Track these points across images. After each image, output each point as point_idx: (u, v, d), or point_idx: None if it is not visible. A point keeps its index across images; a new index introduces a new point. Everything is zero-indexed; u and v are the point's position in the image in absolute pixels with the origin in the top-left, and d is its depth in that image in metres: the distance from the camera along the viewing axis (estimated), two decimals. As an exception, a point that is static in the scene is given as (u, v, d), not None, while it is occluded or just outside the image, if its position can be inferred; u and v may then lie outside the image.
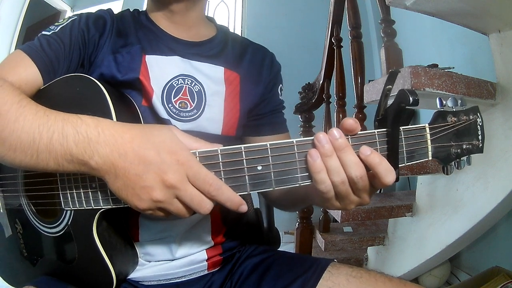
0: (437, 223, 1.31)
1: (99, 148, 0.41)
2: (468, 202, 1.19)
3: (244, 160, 0.42)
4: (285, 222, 2.56)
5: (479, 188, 1.15)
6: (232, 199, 0.42)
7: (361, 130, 0.44)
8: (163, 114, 0.60)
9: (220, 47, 0.70)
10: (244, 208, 0.43)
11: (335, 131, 0.42)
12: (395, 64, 1.34)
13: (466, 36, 1.56)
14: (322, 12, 2.21)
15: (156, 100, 0.60)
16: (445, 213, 1.28)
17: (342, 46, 1.68)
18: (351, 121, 0.42)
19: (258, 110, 0.72)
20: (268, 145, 0.42)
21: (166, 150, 0.41)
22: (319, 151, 0.42)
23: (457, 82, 1.02)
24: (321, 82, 1.83)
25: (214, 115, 0.65)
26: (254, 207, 0.81)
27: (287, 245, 2.53)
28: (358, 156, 0.42)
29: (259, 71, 0.72)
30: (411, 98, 0.41)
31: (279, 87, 0.76)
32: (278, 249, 0.77)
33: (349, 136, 0.43)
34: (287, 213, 0.87)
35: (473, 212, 1.17)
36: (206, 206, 0.42)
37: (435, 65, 1.20)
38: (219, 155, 0.42)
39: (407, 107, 0.42)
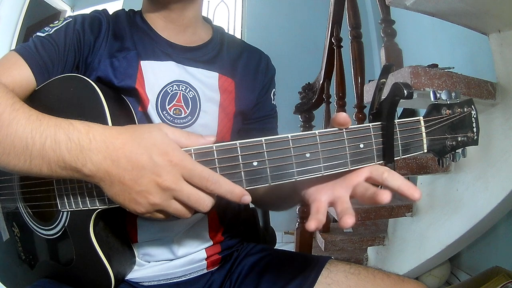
0: (437, 223, 1.31)
1: (91, 156, 0.41)
2: (468, 202, 1.19)
3: (240, 156, 0.42)
4: (285, 222, 2.56)
5: (479, 188, 1.14)
6: (232, 190, 0.41)
7: None
8: (158, 122, 0.60)
9: (215, 51, 0.69)
10: (247, 199, 0.42)
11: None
12: (395, 64, 1.34)
13: (466, 36, 1.55)
14: (322, 12, 2.21)
15: (151, 109, 0.60)
16: (445, 213, 1.28)
17: (342, 46, 1.68)
18: (344, 115, 0.43)
19: (250, 114, 0.72)
20: (263, 140, 0.42)
21: (158, 153, 0.40)
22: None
23: (457, 82, 1.01)
24: (321, 82, 1.83)
25: (209, 121, 0.64)
26: (250, 206, 0.80)
27: (287, 245, 2.53)
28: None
29: (254, 77, 0.72)
30: (405, 91, 0.41)
31: (272, 91, 0.76)
32: (275, 247, 0.77)
33: (344, 130, 0.43)
34: (287, 213, 0.86)
35: (473, 212, 1.17)
36: (204, 203, 0.42)
37: (435, 65, 1.19)
38: (214, 151, 0.42)
39: (402, 100, 0.42)
